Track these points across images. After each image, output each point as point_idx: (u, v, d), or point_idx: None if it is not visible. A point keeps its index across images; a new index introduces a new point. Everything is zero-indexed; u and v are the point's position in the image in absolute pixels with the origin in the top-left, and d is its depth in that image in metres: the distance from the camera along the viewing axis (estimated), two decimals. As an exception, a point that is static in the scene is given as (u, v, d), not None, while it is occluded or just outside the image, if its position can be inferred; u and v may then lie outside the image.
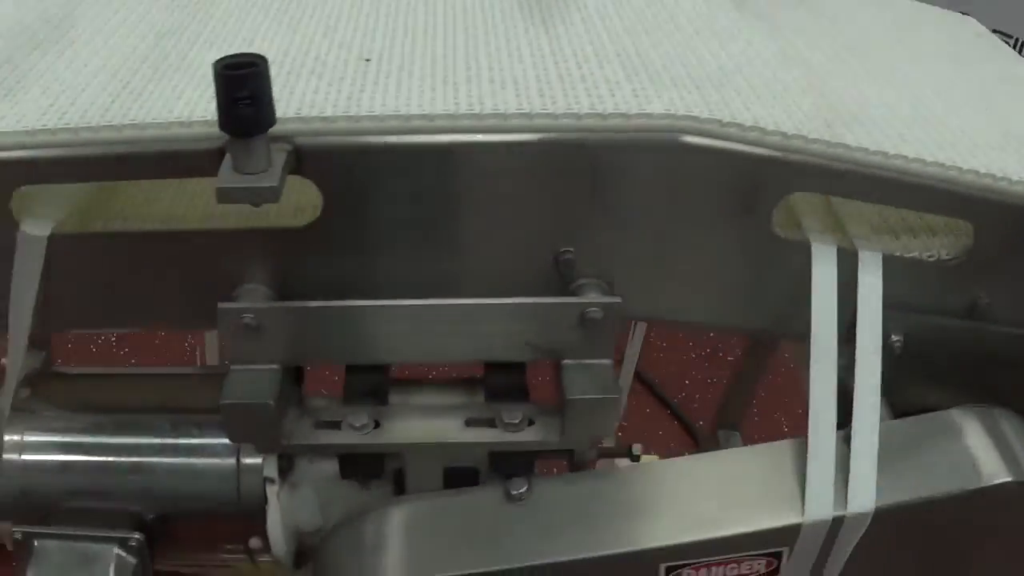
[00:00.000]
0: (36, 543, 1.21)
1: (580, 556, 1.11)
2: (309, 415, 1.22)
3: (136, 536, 1.20)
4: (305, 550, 1.28)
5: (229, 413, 1.15)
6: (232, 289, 1.14)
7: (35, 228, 1.13)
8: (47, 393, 1.29)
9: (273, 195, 0.97)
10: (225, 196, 0.98)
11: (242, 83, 0.93)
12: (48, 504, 1.25)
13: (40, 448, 1.26)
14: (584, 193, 1.08)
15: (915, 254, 1.17)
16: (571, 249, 1.10)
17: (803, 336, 1.13)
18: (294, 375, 1.21)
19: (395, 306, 1.15)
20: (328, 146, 1.05)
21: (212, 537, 1.28)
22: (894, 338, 1.15)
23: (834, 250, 1.12)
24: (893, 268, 1.13)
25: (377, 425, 1.20)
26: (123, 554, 1.20)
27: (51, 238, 1.12)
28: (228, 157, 0.98)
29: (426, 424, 1.21)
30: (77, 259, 1.16)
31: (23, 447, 1.25)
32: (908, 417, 1.18)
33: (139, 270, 1.18)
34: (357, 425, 1.20)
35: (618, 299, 1.10)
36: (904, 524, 1.13)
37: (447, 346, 1.17)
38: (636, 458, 1.26)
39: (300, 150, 1.03)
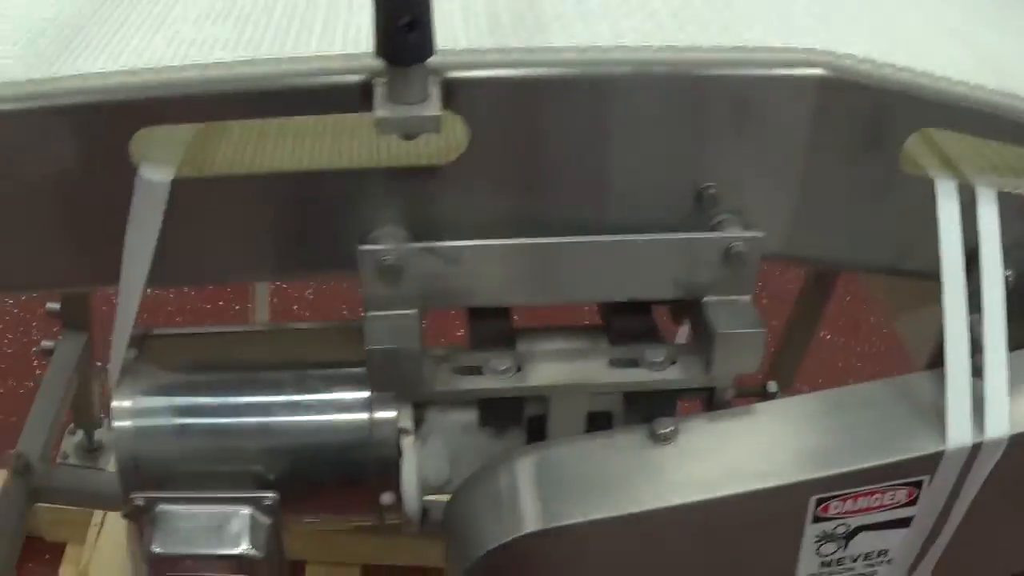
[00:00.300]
0: (159, 508, 1.12)
1: (732, 492, 1.10)
2: (447, 361, 1.15)
3: (270, 495, 1.12)
4: (426, 507, 1.20)
5: (374, 359, 1.10)
6: (365, 233, 1.10)
7: (155, 173, 1.05)
8: (155, 354, 1.20)
9: (435, 125, 0.94)
10: (386, 126, 0.94)
11: (407, 7, 0.88)
12: (163, 470, 1.17)
13: (153, 413, 1.17)
14: (727, 128, 1.06)
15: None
16: (713, 184, 1.07)
17: (918, 272, 1.16)
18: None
19: (543, 244, 1.09)
20: (478, 80, 1.01)
21: (340, 496, 1.20)
22: (1006, 273, 1.15)
23: (955, 186, 1.12)
24: (1004, 205, 1.14)
25: (519, 369, 1.14)
26: (257, 514, 1.12)
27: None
28: (382, 89, 0.94)
29: (570, 366, 1.17)
30: (193, 207, 1.08)
31: (134, 412, 1.17)
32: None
33: (263, 216, 1.11)
34: (501, 369, 1.14)
35: (761, 233, 1.08)
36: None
37: (592, 285, 1.13)
38: (772, 395, 1.21)
39: (449, 83, 0.98)
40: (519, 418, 1.19)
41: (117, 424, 1.16)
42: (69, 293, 1.92)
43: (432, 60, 0.95)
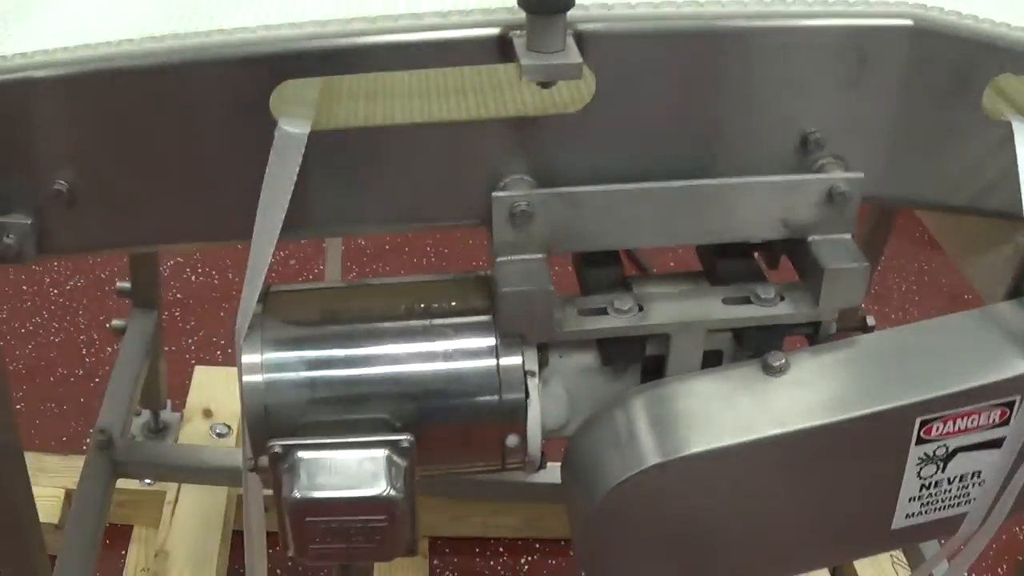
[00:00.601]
0: (298, 455, 1.14)
1: (844, 417, 1.14)
2: (571, 304, 1.17)
3: (406, 437, 1.13)
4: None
5: (507, 302, 1.12)
6: (492, 183, 1.13)
7: (294, 126, 1.07)
8: (278, 309, 1.22)
9: (577, 71, 0.97)
10: (531, 73, 0.97)
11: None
12: (293, 423, 1.18)
13: (283, 366, 1.18)
14: (830, 76, 1.10)
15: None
16: (817, 129, 1.12)
17: (998, 211, 1.22)
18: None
19: (665, 188, 1.13)
20: (607, 32, 1.05)
21: (467, 440, 1.22)
22: None
23: (1033, 128, 1.13)
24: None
25: (641, 309, 1.18)
26: (394, 456, 1.14)
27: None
28: (521, 40, 0.98)
29: (687, 304, 1.20)
30: (323, 158, 1.10)
31: (264, 366, 1.18)
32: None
33: (395, 167, 1.13)
34: (624, 309, 1.17)
35: (861, 174, 1.12)
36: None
37: (706, 226, 1.17)
38: (870, 328, 1.25)
39: (580, 35, 1.02)
40: (640, 356, 1.21)
41: (248, 379, 1.17)
42: (138, 272, 1.92)
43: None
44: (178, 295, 2.72)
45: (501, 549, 2.35)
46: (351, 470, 1.14)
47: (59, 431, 2.44)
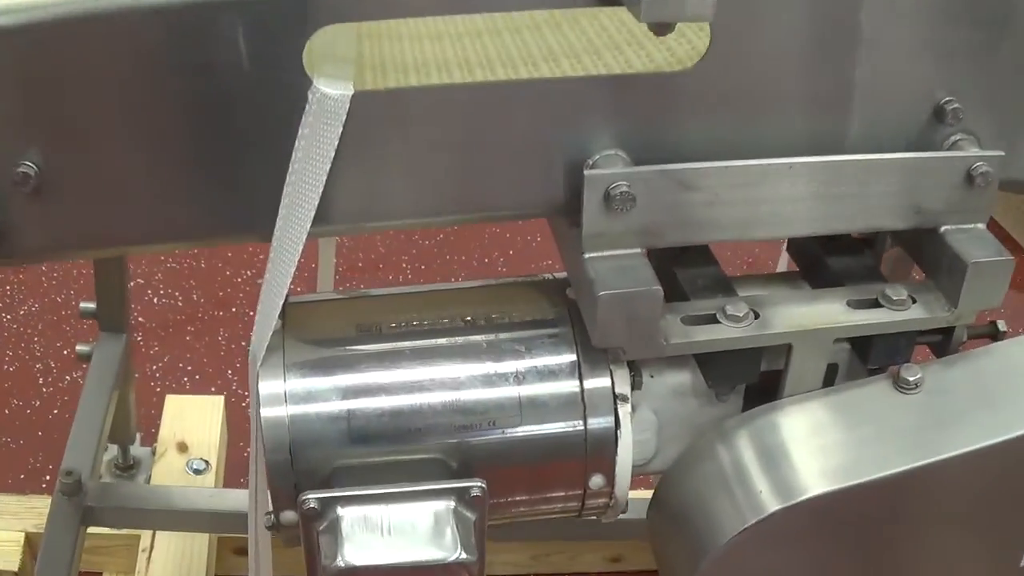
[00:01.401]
0: (340, 511, 0.85)
1: (993, 441, 0.92)
2: (671, 311, 0.89)
3: (477, 483, 0.86)
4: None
5: (606, 309, 0.86)
6: (574, 161, 0.88)
7: (333, 86, 0.81)
8: (301, 325, 0.93)
9: (707, 10, 0.76)
10: (653, 9, 0.74)
11: None
12: (328, 465, 0.91)
13: (312, 396, 0.91)
14: (969, 39, 0.91)
15: None
16: (955, 99, 0.92)
17: None
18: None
19: (807, 164, 0.90)
20: None
21: (542, 482, 0.94)
22: None
23: None
24: None
25: (757, 316, 0.91)
26: (462, 509, 0.86)
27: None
28: None
29: (810, 310, 0.95)
30: (367, 127, 0.84)
31: (288, 397, 0.91)
32: None
33: (448, 140, 0.87)
34: (740, 316, 0.90)
35: (1001, 152, 0.92)
36: None
37: (839, 213, 0.93)
38: (1003, 335, 1.04)
39: None
40: (755, 374, 0.96)
41: (268, 413, 0.90)
42: (105, 291, 1.62)
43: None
44: (139, 318, 2.45)
45: None
46: (409, 529, 0.87)
47: (16, 468, 2.16)
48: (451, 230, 2.76)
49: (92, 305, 1.66)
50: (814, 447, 0.93)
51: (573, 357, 0.92)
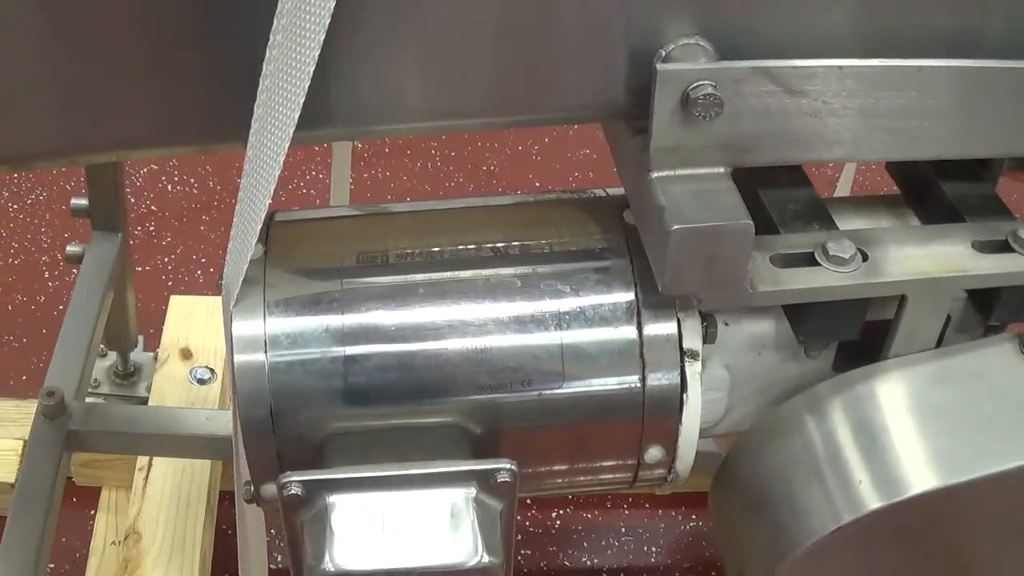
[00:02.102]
0: (330, 499, 0.62)
1: None
2: (758, 249, 0.65)
3: (507, 466, 0.63)
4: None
5: (680, 247, 0.63)
6: (648, 46, 0.65)
7: None
8: (290, 249, 0.70)
9: None
10: None
11: None
12: (318, 431, 0.69)
13: (299, 340, 0.70)
14: None
15: None
16: None
17: None
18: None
19: (928, 67, 0.67)
20: None
21: (586, 452, 0.72)
22: None
23: None
24: None
25: (865, 258, 0.69)
26: (484, 498, 0.63)
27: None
28: None
29: (930, 252, 0.73)
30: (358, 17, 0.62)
31: (270, 342, 0.69)
32: None
33: (485, 29, 0.65)
34: (845, 258, 0.67)
35: None
36: None
37: (972, 131, 0.71)
38: None
39: None
40: (857, 330, 0.74)
41: (241, 359, 0.69)
42: (97, 189, 1.40)
43: None
44: (152, 207, 2.23)
45: (530, 502, 1.86)
46: (418, 524, 0.65)
47: (17, 368, 1.96)
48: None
49: (84, 202, 1.44)
50: (924, 428, 0.73)
51: (631, 297, 0.71)
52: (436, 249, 0.72)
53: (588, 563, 1.77)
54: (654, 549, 1.82)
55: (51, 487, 1.24)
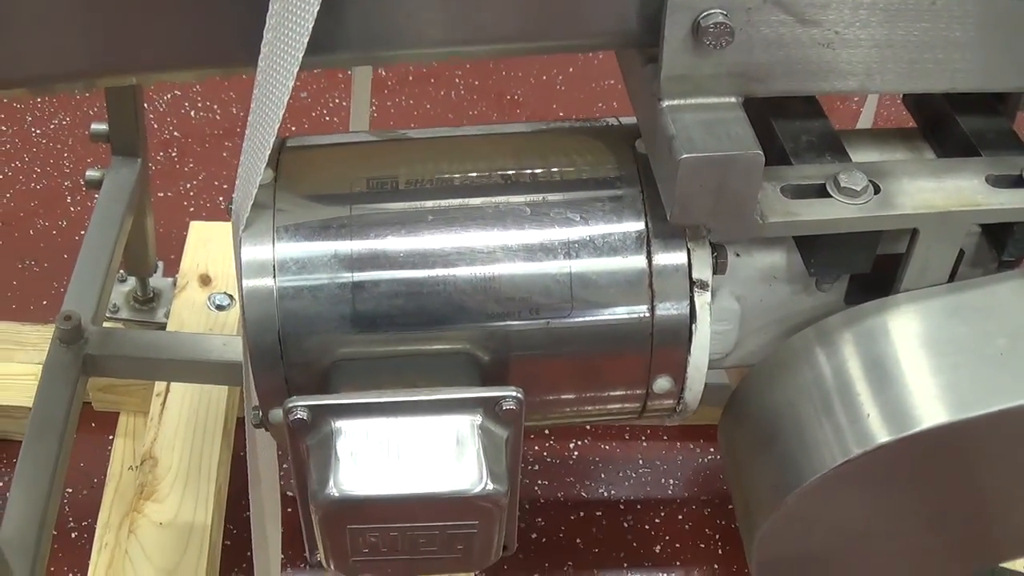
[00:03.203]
0: (336, 424, 0.62)
1: None
2: (770, 179, 0.65)
3: (512, 394, 0.63)
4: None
5: (689, 175, 0.63)
6: None
7: None
8: (300, 175, 0.70)
9: None
10: None
11: None
12: (326, 357, 0.70)
13: (308, 266, 0.70)
14: None
15: None
16: None
17: None
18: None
19: None
20: None
21: (592, 382, 0.72)
22: None
23: None
24: None
25: (877, 190, 0.69)
26: (492, 425, 0.63)
27: None
28: None
29: (943, 185, 0.72)
30: None
31: (278, 267, 0.70)
32: None
33: None
34: (857, 189, 0.66)
35: None
36: None
37: (991, 63, 0.70)
38: None
39: None
40: (868, 263, 0.73)
41: (253, 286, 0.69)
42: (117, 113, 1.39)
43: None
44: (175, 133, 2.23)
45: (548, 432, 1.87)
46: (424, 451, 0.66)
47: (39, 293, 1.96)
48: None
49: (104, 126, 1.43)
50: (935, 362, 0.72)
51: (641, 227, 0.71)
52: (446, 176, 0.72)
53: (605, 494, 1.78)
54: (671, 481, 1.82)
55: (66, 411, 1.25)
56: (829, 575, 0.81)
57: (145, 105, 1.61)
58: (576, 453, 1.81)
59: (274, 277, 0.69)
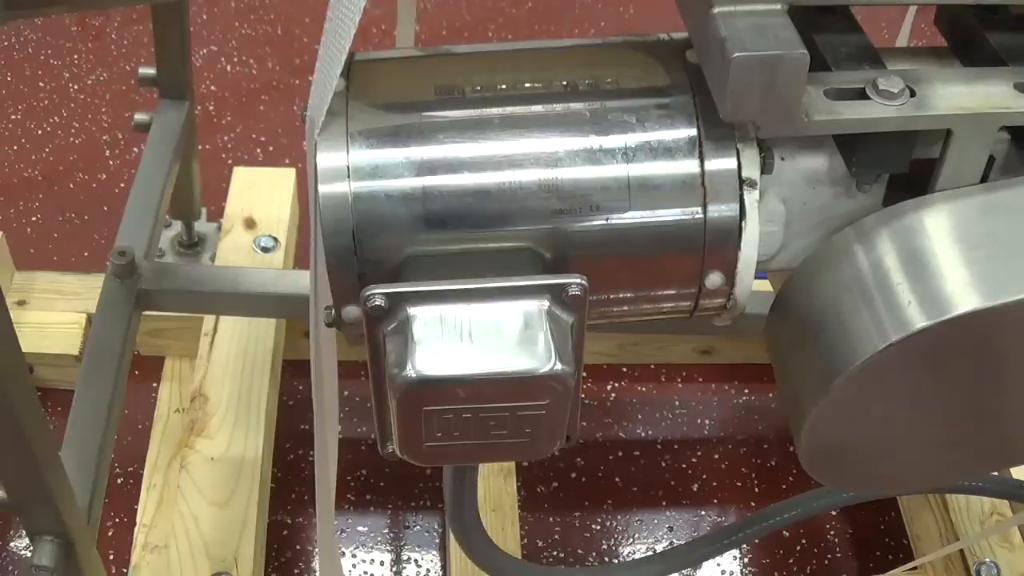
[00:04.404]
0: (411, 311, 0.68)
1: None
2: (813, 84, 0.72)
3: (577, 280, 0.69)
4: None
5: (741, 74, 0.69)
6: None
7: None
8: (369, 87, 0.76)
9: None
10: None
11: None
12: (398, 255, 0.76)
13: (381, 171, 0.75)
14: None
15: None
16: None
17: None
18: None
19: None
20: None
21: (650, 278, 0.78)
22: None
23: None
24: None
25: (913, 94, 0.75)
26: (558, 311, 0.69)
27: None
28: None
29: (974, 90, 0.77)
30: None
31: (353, 172, 0.75)
32: None
33: None
34: (895, 92, 0.74)
35: None
36: None
37: None
38: None
39: None
40: (905, 163, 0.79)
41: (328, 190, 0.75)
42: (165, 55, 1.45)
43: None
44: (212, 87, 2.30)
45: (585, 374, 1.89)
46: (495, 334, 0.72)
47: (79, 246, 2.03)
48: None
49: (152, 70, 1.49)
50: (969, 255, 0.77)
51: (693, 132, 0.76)
52: (509, 85, 0.78)
53: (643, 435, 1.84)
54: (707, 422, 1.89)
55: (122, 348, 1.31)
56: (869, 463, 0.87)
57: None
58: (614, 395, 1.88)
59: (349, 181, 0.75)
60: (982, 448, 0.89)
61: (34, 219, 2.04)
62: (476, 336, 0.70)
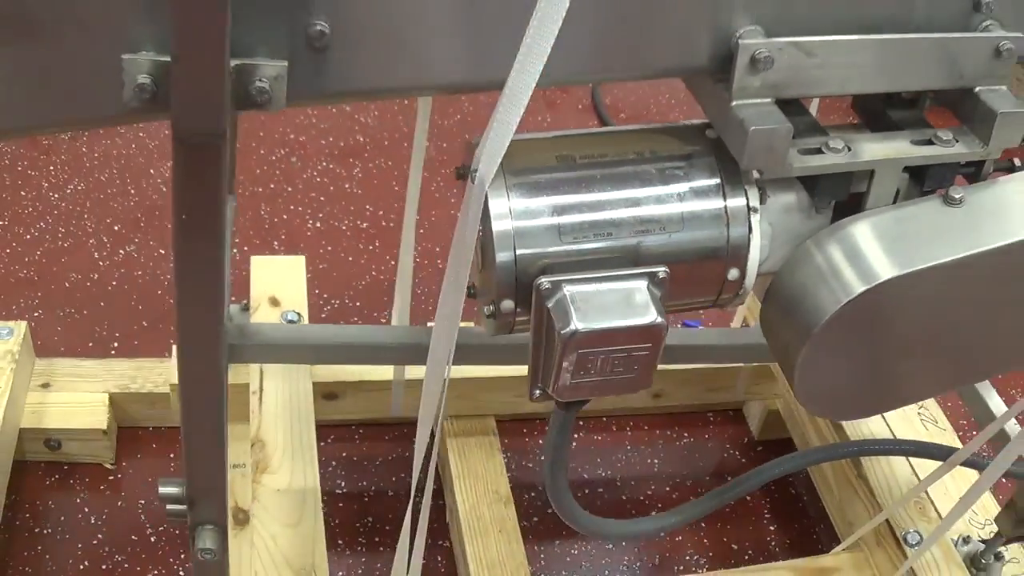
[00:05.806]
0: (568, 289, 1.35)
1: (1016, 239, 1.40)
2: (791, 146, 1.43)
3: (663, 268, 1.37)
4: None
5: (756, 140, 1.36)
6: (725, 31, 1.36)
7: None
8: (512, 156, 1.33)
9: None
10: None
11: None
12: (539, 266, 1.39)
13: (529, 213, 1.38)
14: None
15: None
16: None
17: None
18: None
19: (884, 40, 1.41)
20: None
21: (695, 274, 1.45)
22: None
23: None
24: None
25: (849, 149, 1.44)
26: (652, 287, 1.37)
27: None
28: None
29: (886, 145, 1.47)
30: None
31: (513, 214, 1.38)
32: None
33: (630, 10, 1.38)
34: (839, 148, 1.44)
35: (1021, 34, 1.41)
36: None
37: (906, 74, 1.45)
38: (1019, 168, 1.57)
39: None
40: (846, 192, 1.48)
41: (499, 228, 1.37)
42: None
43: None
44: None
45: (582, 422, 2.53)
46: (621, 301, 1.37)
47: (83, 336, 2.52)
48: (467, 111, 3.23)
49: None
50: (885, 245, 1.42)
51: (717, 180, 1.43)
52: (601, 155, 1.44)
53: (603, 474, 2.47)
54: (655, 461, 2.51)
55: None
56: (846, 393, 1.50)
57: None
58: (575, 444, 2.44)
59: (511, 219, 1.40)
60: (931, 375, 1.54)
61: (36, 314, 2.51)
62: (609, 304, 1.38)
